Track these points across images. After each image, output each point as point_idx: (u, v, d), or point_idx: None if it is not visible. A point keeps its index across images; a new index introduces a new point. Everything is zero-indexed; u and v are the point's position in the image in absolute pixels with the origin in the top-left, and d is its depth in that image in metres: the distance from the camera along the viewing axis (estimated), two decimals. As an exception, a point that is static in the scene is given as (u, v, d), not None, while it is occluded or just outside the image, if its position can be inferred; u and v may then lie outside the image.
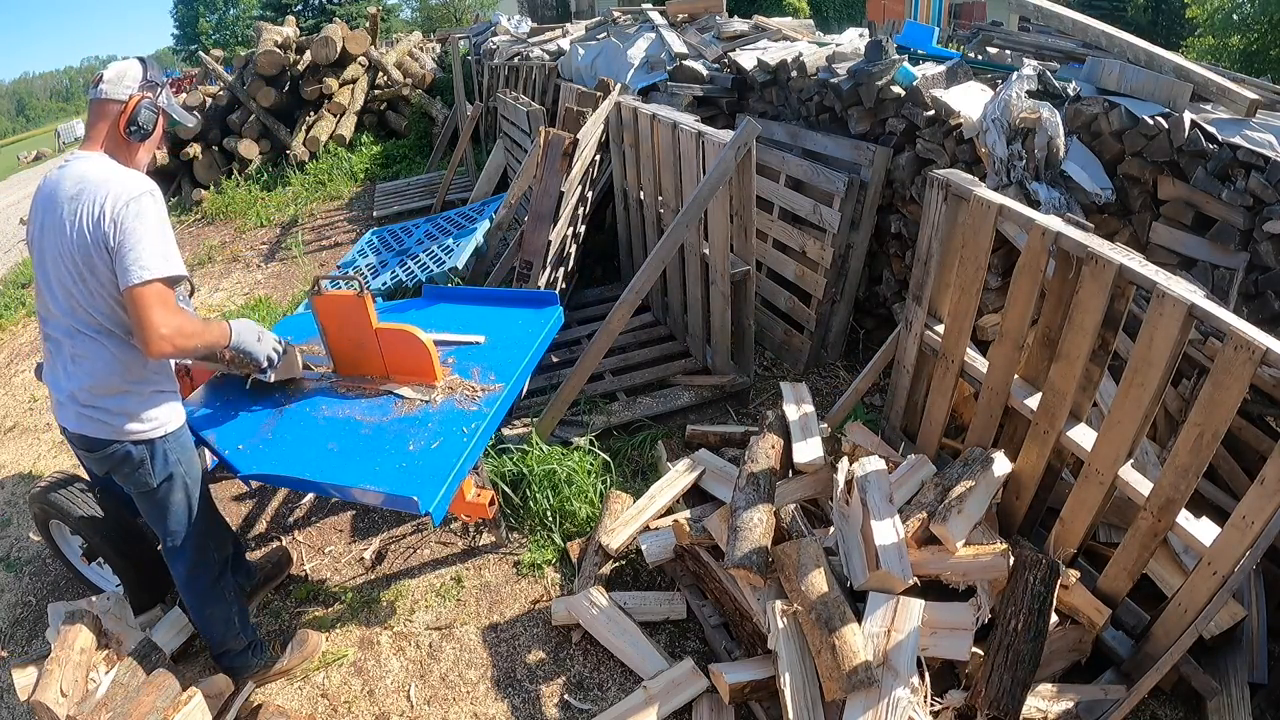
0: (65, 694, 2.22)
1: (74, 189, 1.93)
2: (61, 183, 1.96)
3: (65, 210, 1.92)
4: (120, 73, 2.04)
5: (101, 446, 2.08)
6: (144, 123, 2.03)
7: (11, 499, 3.79)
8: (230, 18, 37.54)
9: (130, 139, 2.03)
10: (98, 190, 1.90)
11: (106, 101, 2.00)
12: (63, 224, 1.92)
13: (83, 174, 1.95)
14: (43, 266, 2.00)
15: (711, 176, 3.17)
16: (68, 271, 1.94)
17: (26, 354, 5.67)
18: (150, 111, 2.03)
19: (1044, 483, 2.47)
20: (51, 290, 2.00)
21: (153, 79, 2.06)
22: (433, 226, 5.81)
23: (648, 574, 2.77)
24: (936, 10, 13.82)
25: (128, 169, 2.01)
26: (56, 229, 1.94)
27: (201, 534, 2.29)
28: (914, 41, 4.53)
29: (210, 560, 2.33)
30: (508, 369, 2.56)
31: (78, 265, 1.93)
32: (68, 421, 2.09)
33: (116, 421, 2.06)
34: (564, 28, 8.73)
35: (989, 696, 1.95)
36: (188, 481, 2.22)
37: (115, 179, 1.93)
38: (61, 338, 2.03)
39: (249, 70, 9.13)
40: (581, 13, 18.34)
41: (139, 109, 2.01)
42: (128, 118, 2.00)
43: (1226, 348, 1.82)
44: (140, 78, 2.04)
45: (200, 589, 2.34)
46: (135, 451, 2.09)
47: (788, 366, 4.13)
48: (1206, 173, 2.64)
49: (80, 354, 2.01)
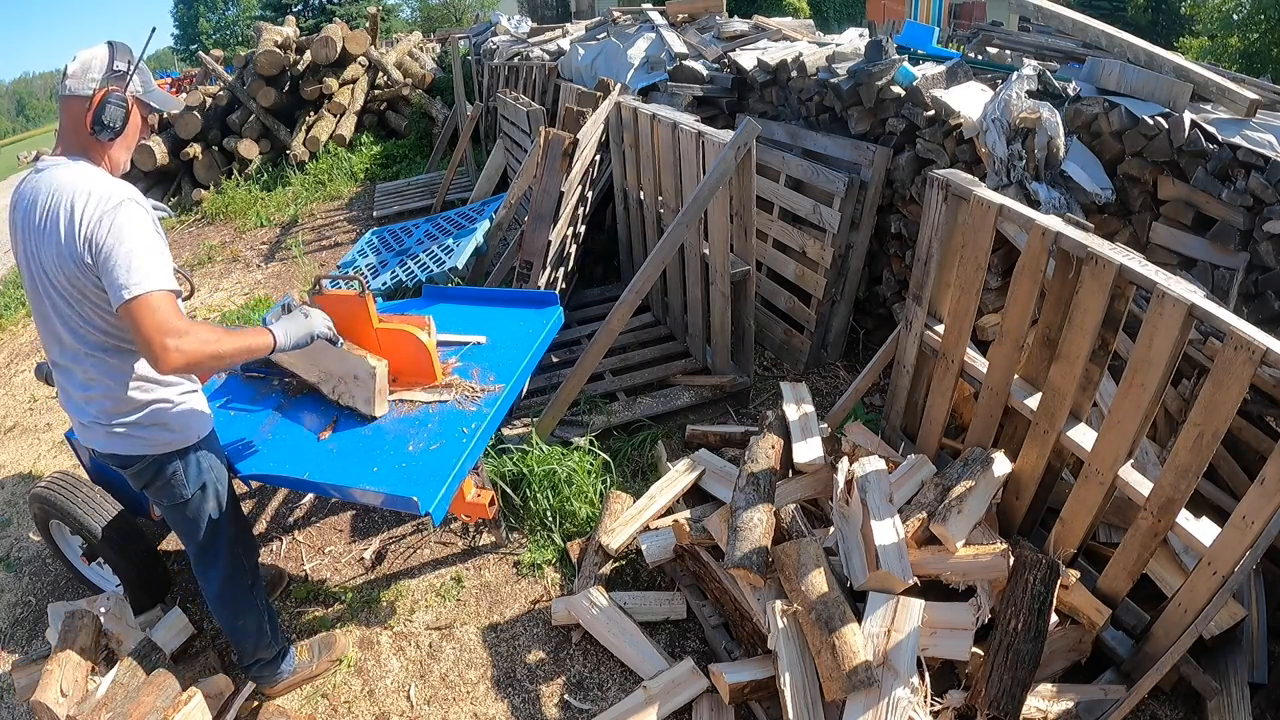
0: (65, 694, 2.22)
1: (48, 202, 1.74)
2: (37, 196, 1.78)
3: (44, 228, 1.74)
4: (85, 64, 1.79)
5: (135, 462, 1.99)
6: (110, 120, 1.78)
7: (11, 499, 3.79)
8: (230, 18, 37.59)
9: (99, 138, 1.80)
10: (73, 204, 1.71)
11: (71, 98, 1.78)
12: (43, 244, 1.76)
13: (55, 185, 1.75)
14: (35, 291, 1.85)
15: (711, 176, 3.17)
16: (59, 294, 1.79)
17: (26, 354, 5.67)
18: (118, 106, 1.79)
19: (1044, 483, 2.47)
20: (47, 315, 1.85)
21: (119, 68, 1.80)
22: (433, 226, 5.81)
23: (648, 574, 2.77)
24: (936, 10, 13.82)
25: (103, 174, 1.80)
26: (38, 250, 1.77)
27: (233, 542, 2.21)
28: (914, 41, 4.53)
29: (243, 568, 2.25)
30: (508, 369, 2.57)
31: (66, 288, 1.77)
32: (96, 444, 1.97)
33: (150, 434, 1.96)
34: (564, 28, 8.73)
35: (989, 696, 1.95)
36: (219, 489, 2.14)
37: (88, 190, 1.73)
38: (70, 364, 1.90)
39: (249, 70, 9.12)
40: (581, 13, 18.33)
41: (104, 104, 1.76)
42: (92, 115, 1.77)
43: (1226, 348, 1.82)
44: (105, 68, 1.79)
45: (234, 599, 2.24)
46: (170, 464, 2.01)
47: (788, 366, 4.13)
48: (1206, 173, 2.64)
49: (93, 378, 1.88)
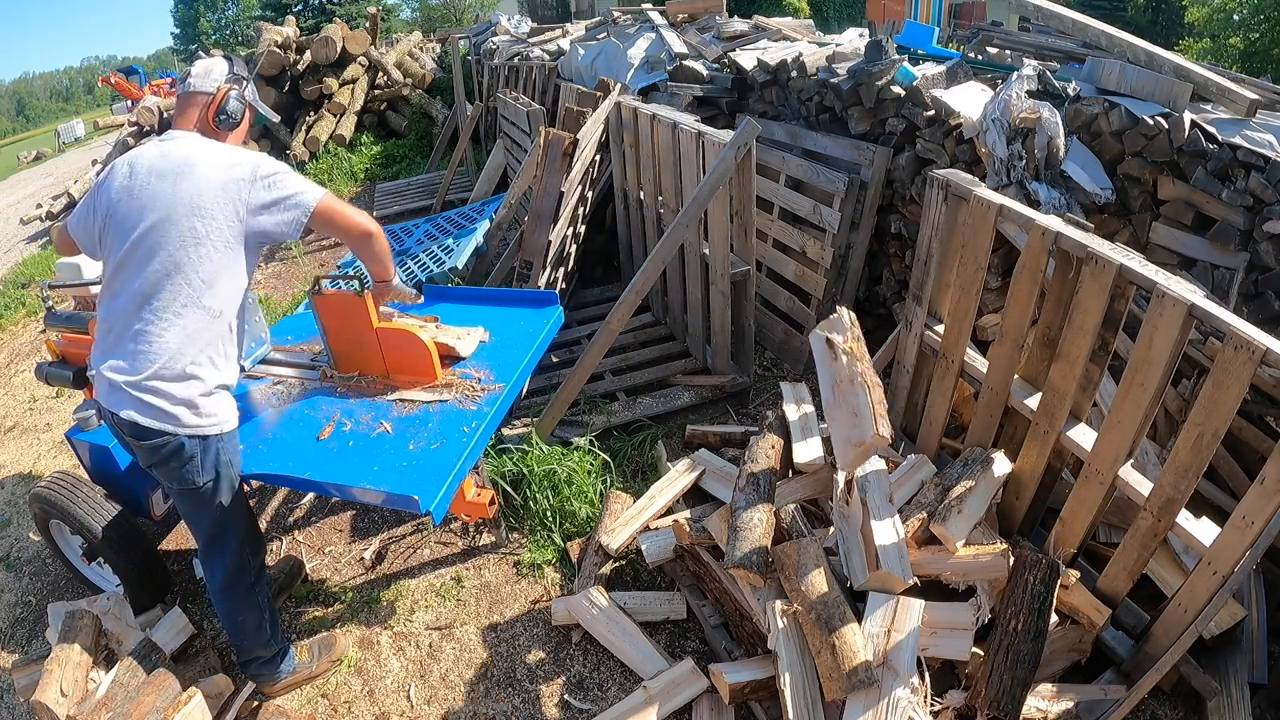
0: (65, 694, 2.22)
1: (187, 158, 1.99)
2: (170, 152, 2.02)
3: (181, 177, 1.96)
4: (207, 68, 2.15)
5: (153, 436, 1.99)
6: (233, 112, 2.14)
7: (11, 499, 3.79)
8: (230, 18, 37.60)
9: (219, 128, 2.13)
10: (231, 155, 2.02)
11: (194, 94, 2.11)
12: (176, 189, 1.95)
13: (195, 148, 2.02)
14: (132, 234, 1.96)
15: (711, 176, 3.17)
16: (180, 237, 1.94)
17: (26, 354, 5.67)
18: (239, 102, 2.15)
19: (1044, 483, 2.47)
20: (140, 259, 1.95)
21: (239, 73, 2.18)
22: (433, 226, 5.80)
23: (648, 574, 2.77)
24: (936, 10, 13.83)
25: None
26: (166, 195, 1.95)
27: (240, 538, 2.23)
28: (914, 41, 4.53)
29: (248, 565, 2.27)
30: (508, 369, 2.57)
31: (197, 227, 1.95)
32: (119, 406, 1.98)
33: (177, 410, 1.98)
34: (564, 28, 8.73)
35: (989, 696, 1.95)
36: (233, 482, 2.16)
37: (237, 152, 2.05)
38: (130, 314, 1.96)
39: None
40: (581, 13, 18.34)
41: (228, 99, 2.12)
42: (217, 106, 2.11)
43: (1226, 348, 1.82)
44: (227, 71, 2.15)
45: (237, 595, 2.26)
46: (189, 446, 2.02)
47: (788, 366, 4.13)
48: (1206, 173, 2.64)
49: (163, 331, 1.95)
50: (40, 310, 5.07)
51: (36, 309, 6.41)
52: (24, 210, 10.86)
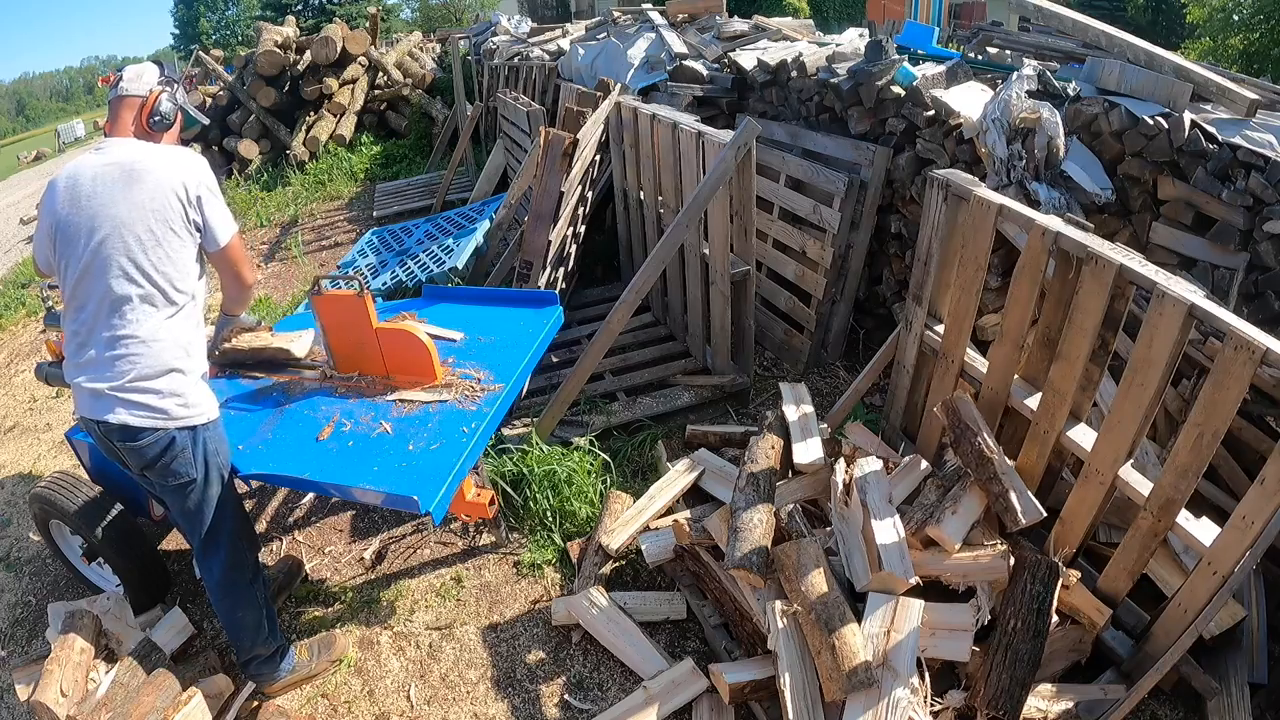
0: (65, 694, 2.22)
1: (134, 163, 2.03)
2: (111, 159, 2.04)
3: (132, 181, 2.00)
4: (138, 72, 2.19)
5: (145, 435, 2.03)
6: (166, 113, 2.18)
7: (11, 499, 3.79)
8: (230, 18, 37.61)
9: (153, 129, 2.17)
10: (173, 161, 2.06)
11: (127, 97, 2.15)
12: (128, 194, 1.99)
13: (138, 151, 2.07)
14: (88, 243, 1.98)
15: (711, 176, 3.17)
16: (137, 239, 1.98)
17: (26, 354, 5.67)
18: (171, 104, 2.20)
19: (1044, 483, 2.47)
20: (100, 267, 1.98)
21: (169, 75, 2.24)
22: (433, 226, 5.81)
23: (648, 574, 2.77)
24: (936, 10, 13.83)
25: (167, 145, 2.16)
26: (118, 200, 1.99)
27: (235, 533, 2.26)
28: (914, 41, 4.53)
29: (245, 560, 2.29)
30: (508, 369, 2.57)
31: (154, 230, 2.00)
32: (106, 413, 2.00)
33: (166, 405, 2.03)
34: (564, 28, 8.73)
35: (989, 696, 1.95)
36: (223, 475, 2.20)
37: (179, 152, 2.11)
38: (101, 321, 1.99)
39: (249, 70, 9.13)
40: (581, 13, 18.33)
41: (160, 101, 2.17)
42: (150, 109, 2.15)
43: (1226, 348, 1.82)
44: (158, 75, 2.21)
45: (235, 591, 2.26)
46: (179, 439, 2.06)
47: (788, 366, 4.13)
48: (1206, 173, 2.64)
49: (131, 333, 1.99)
50: (40, 310, 5.06)
51: (36, 309, 6.40)
52: (24, 210, 10.89)
